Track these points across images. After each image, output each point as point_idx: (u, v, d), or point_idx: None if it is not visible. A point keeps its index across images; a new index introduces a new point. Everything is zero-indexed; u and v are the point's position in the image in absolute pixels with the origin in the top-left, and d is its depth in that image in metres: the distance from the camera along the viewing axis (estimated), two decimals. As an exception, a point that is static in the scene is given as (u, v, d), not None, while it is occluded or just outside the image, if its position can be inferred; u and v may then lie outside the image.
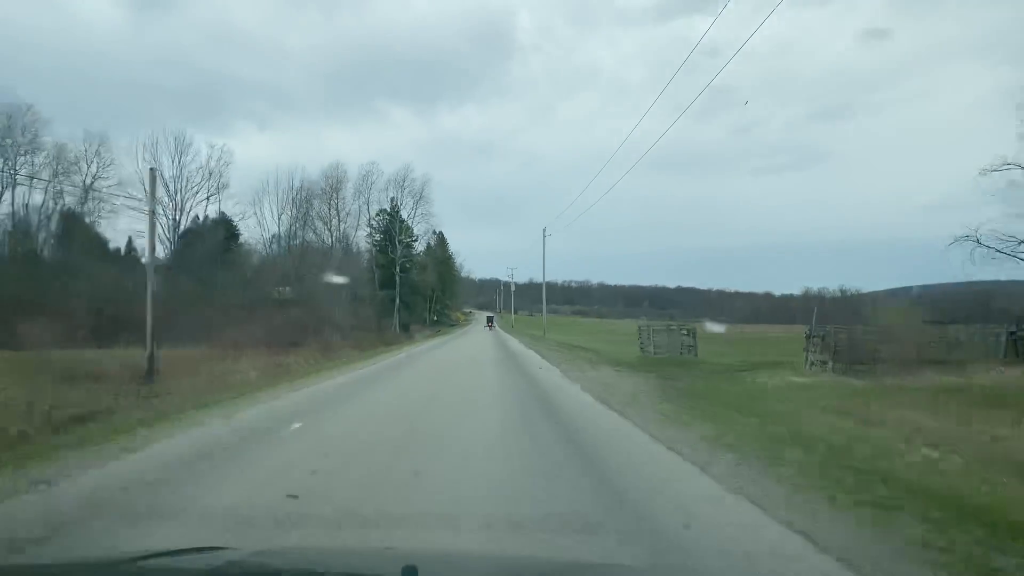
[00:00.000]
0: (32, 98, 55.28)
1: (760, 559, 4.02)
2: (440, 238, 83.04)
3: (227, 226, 49.35)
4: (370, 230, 62.62)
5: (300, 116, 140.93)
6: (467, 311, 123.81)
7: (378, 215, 62.25)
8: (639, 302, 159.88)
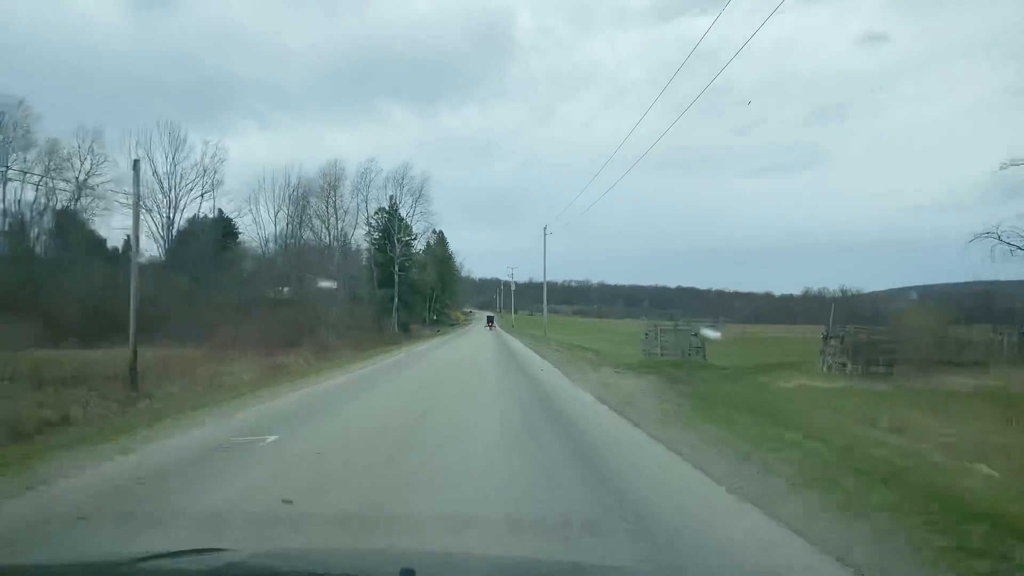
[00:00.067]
0: (30, 97, 54.10)
1: None
2: (440, 237, 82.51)
3: (225, 224, 48.67)
4: (369, 228, 61.95)
5: (300, 115, 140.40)
6: (467, 311, 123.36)
7: (377, 213, 61.58)
8: (639, 302, 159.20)
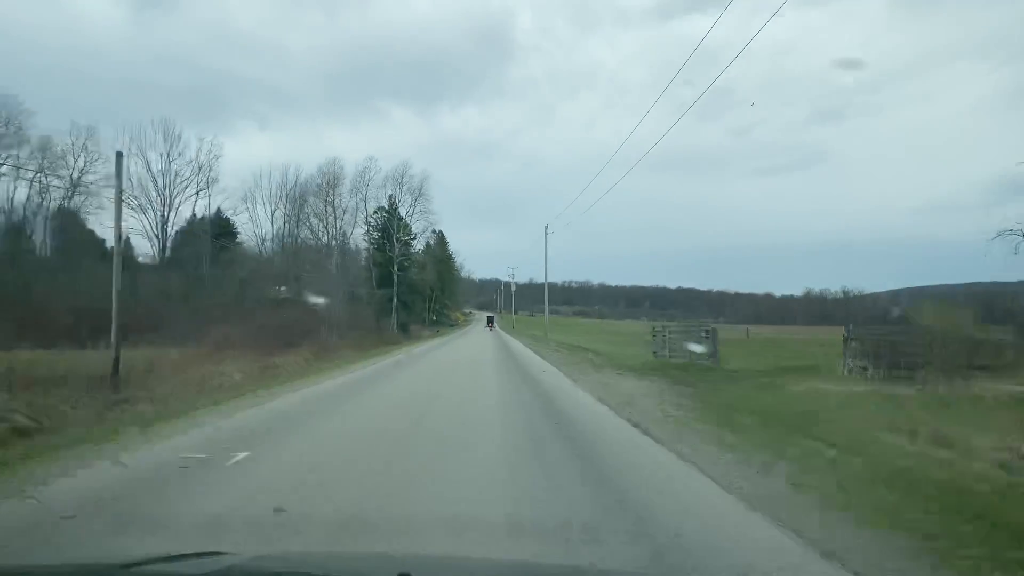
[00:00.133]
0: (26, 98, 53.58)
1: None
2: (440, 237, 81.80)
3: (222, 224, 47.88)
4: (368, 228, 61.19)
5: (300, 116, 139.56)
6: (467, 311, 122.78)
7: (376, 212, 60.79)
8: (640, 303, 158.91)
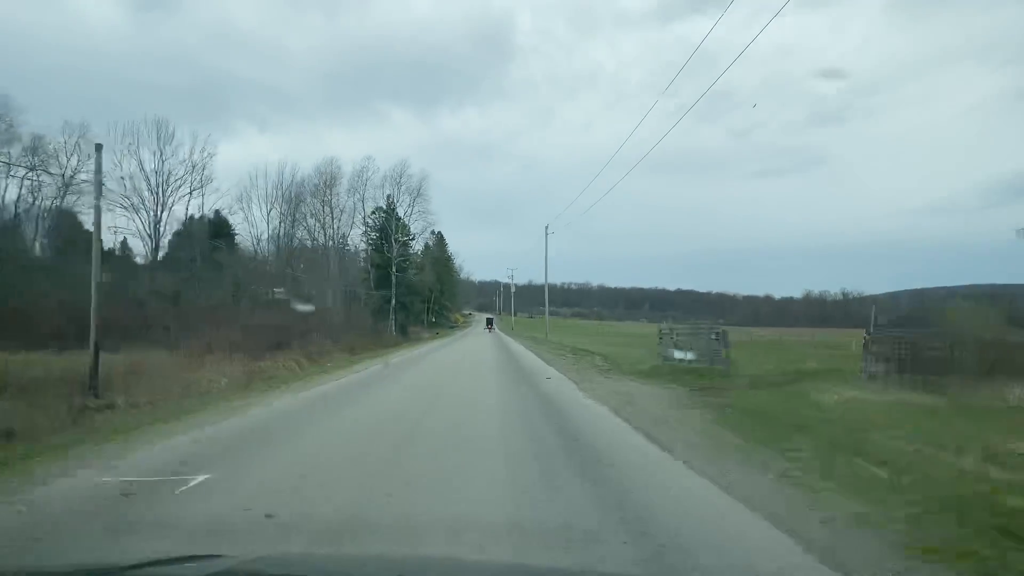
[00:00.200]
0: (28, 98, 53.00)
1: None
2: (439, 238, 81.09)
3: (217, 224, 47.01)
4: (366, 228, 60.42)
5: (300, 117, 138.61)
6: (466, 313, 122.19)
7: (374, 213, 59.97)
8: (639, 304, 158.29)
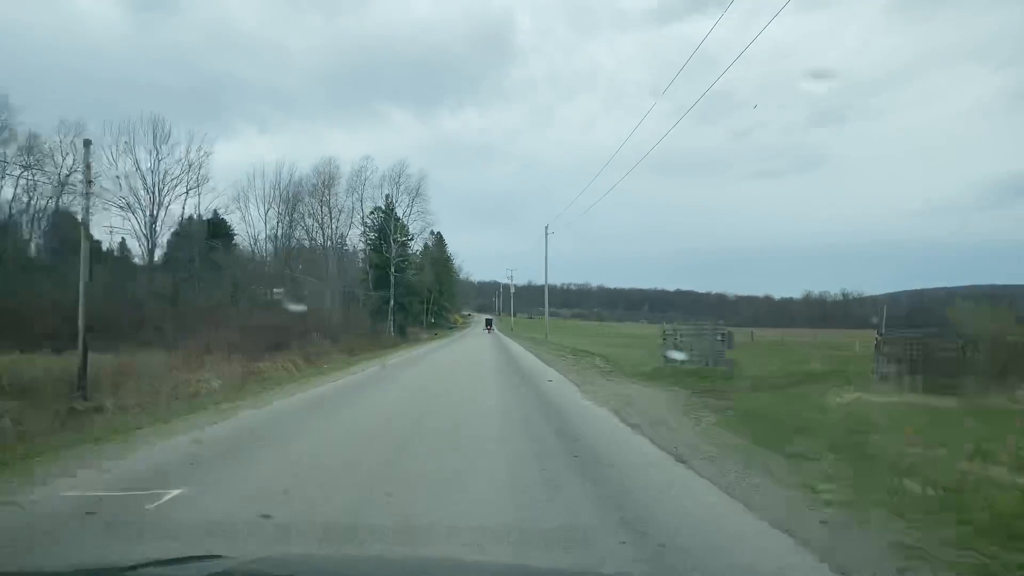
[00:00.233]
0: (27, 98, 52.41)
1: None
2: (438, 238, 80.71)
3: (219, 225, 46.59)
4: (364, 228, 60.03)
5: (300, 117, 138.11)
6: (466, 313, 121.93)
7: (372, 213, 59.59)
8: (639, 305, 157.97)
